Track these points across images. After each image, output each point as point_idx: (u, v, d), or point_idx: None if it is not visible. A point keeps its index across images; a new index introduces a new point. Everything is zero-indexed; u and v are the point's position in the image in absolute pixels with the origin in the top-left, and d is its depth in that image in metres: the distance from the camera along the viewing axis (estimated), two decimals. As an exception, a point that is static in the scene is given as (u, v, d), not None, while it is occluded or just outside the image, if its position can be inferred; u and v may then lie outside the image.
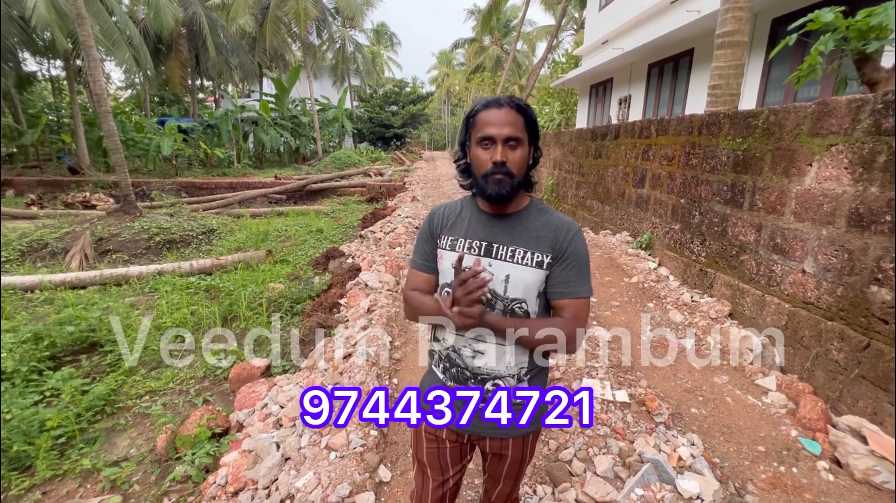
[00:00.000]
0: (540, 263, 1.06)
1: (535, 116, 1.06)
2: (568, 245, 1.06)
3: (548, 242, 1.06)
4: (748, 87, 6.26)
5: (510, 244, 1.07)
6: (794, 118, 2.90)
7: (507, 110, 1.01)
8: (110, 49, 13.78)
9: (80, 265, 6.42)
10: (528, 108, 1.04)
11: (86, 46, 7.45)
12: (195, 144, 18.08)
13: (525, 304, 1.07)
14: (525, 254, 1.06)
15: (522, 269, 1.05)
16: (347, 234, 8.28)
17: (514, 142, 1.01)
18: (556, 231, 1.07)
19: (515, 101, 1.03)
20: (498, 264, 1.07)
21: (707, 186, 3.86)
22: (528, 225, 1.08)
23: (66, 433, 2.68)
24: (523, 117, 1.03)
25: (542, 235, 1.07)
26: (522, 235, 1.07)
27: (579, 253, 1.07)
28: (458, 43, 34.61)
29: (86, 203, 11.41)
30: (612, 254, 5.28)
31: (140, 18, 16.87)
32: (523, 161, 1.04)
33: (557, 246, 1.06)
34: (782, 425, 2.40)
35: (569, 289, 1.06)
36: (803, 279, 2.80)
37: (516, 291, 1.06)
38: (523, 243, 1.06)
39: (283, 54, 24.59)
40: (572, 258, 1.06)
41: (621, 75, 10.34)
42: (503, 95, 1.06)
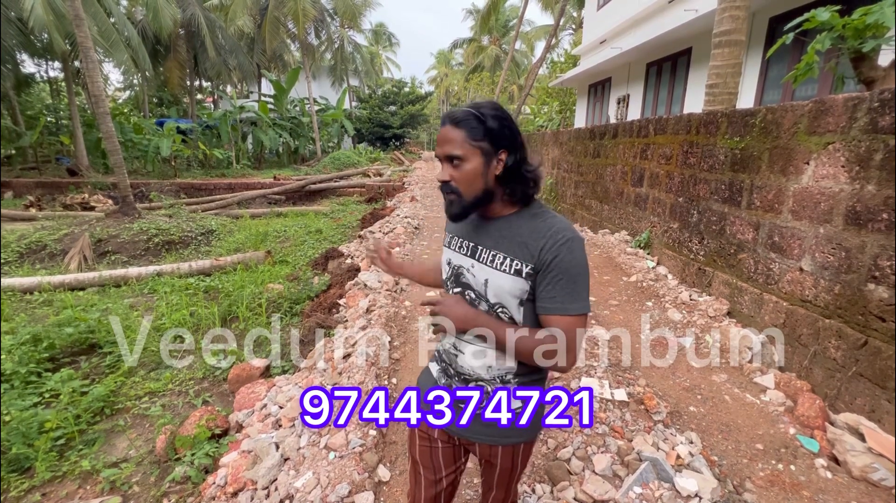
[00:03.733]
0: (518, 271, 0.99)
1: (495, 123, 0.97)
2: (553, 257, 0.96)
3: (531, 251, 0.98)
4: (746, 85, 6.27)
5: (492, 248, 1.04)
6: (791, 117, 2.90)
7: (447, 128, 0.99)
8: (108, 50, 13.77)
9: (79, 266, 6.42)
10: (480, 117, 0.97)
11: (84, 48, 7.45)
12: (194, 145, 18.07)
13: (507, 310, 1.04)
14: (504, 261, 1.01)
15: (500, 276, 1.02)
16: (346, 234, 8.28)
17: (457, 159, 0.99)
18: (540, 239, 0.98)
19: (456, 116, 0.98)
20: (479, 267, 1.06)
21: (705, 185, 3.87)
22: (515, 230, 1.03)
23: (65, 434, 2.68)
24: (465, 131, 0.97)
25: (526, 242, 1.00)
26: (506, 241, 1.03)
27: (567, 265, 0.96)
28: (457, 43, 34.62)
29: (84, 204, 11.41)
30: (610, 253, 5.29)
31: (138, 19, 16.85)
32: (471, 177, 0.99)
33: (540, 256, 0.97)
34: (780, 423, 2.41)
35: (555, 305, 0.98)
36: (801, 277, 2.80)
37: (494, 297, 1.04)
38: (504, 249, 1.02)
39: (281, 55, 24.57)
40: (558, 271, 0.96)
41: (620, 75, 10.35)
42: (458, 108, 1.02)
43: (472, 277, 1.07)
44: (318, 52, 24.95)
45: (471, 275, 1.08)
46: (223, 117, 19.26)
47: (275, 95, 22.08)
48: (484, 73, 29.94)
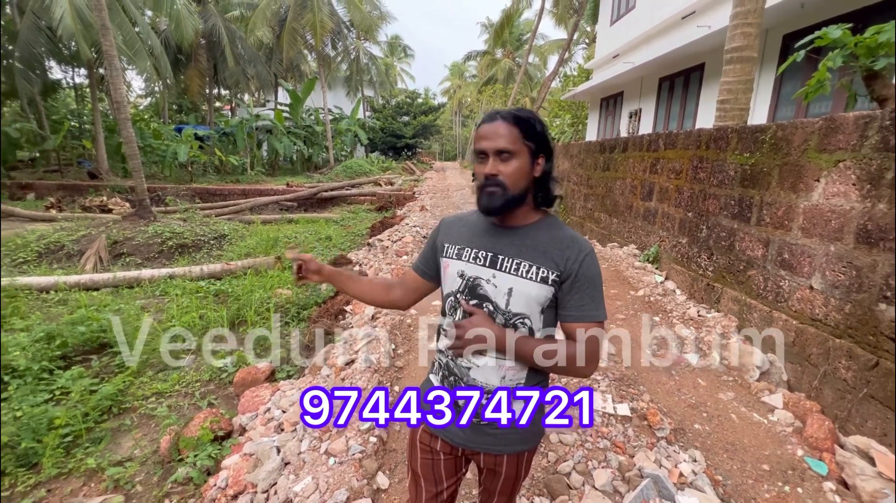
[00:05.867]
0: (545, 279, 1.03)
1: (541, 128, 1.03)
2: (579, 266, 1.02)
3: (555, 259, 1.03)
4: (759, 102, 6.24)
5: (516, 257, 1.05)
6: (802, 133, 2.89)
7: (499, 123, 1.01)
8: (132, 58, 14.21)
9: (95, 267, 6.56)
10: (531, 119, 1.02)
11: (108, 56, 7.70)
12: (210, 151, 18.46)
13: (528, 321, 1.05)
14: (530, 269, 1.03)
15: (526, 283, 1.03)
16: (356, 241, 8.35)
17: (506, 154, 1.01)
18: (566, 249, 1.04)
19: (512, 114, 1.02)
20: (502, 276, 1.05)
21: (714, 200, 3.85)
22: (537, 240, 1.06)
23: (73, 432, 2.73)
24: (519, 128, 1.01)
25: (549, 252, 1.04)
26: (530, 249, 1.05)
27: (591, 275, 1.03)
28: (471, 55, 35.01)
29: (103, 207, 11.68)
30: (618, 267, 5.25)
31: (161, 29, 17.40)
32: (519, 173, 1.02)
33: (567, 265, 1.02)
34: (788, 444, 2.36)
35: (582, 313, 1.03)
36: (811, 295, 2.76)
37: (518, 306, 1.04)
38: (529, 257, 1.04)
39: (298, 65, 25.08)
40: (584, 280, 1.02)
41: (632, 89, 10.37)
42: (504, 109, 1.06)
43: (492, 288, 1.06)
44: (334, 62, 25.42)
45: (491, 285, 1.06)
46: (240, 125, 19.67)
47: (290, 104, 22.51)
48: (497, 86, 30.18)
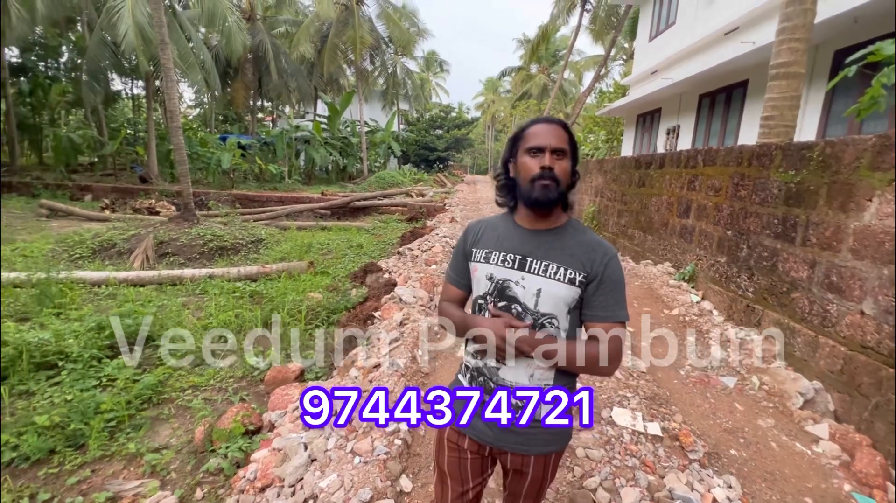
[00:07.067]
0: (572, 280, 1.07)
1: (575, 140, 1.14)
2: (605, 268, 1.07)
3: (582, 261, 1.08)
4: (808, 119, 6.00)
5: (544, 259, 1.09)
6: (853, 151, 2.77)
7: (555, 126, 1.11)
8: (185, 71, 15.13)
9: (142, 265, 6.94)
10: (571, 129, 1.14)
11: (165, 69, 8.24)
12: (251, 160, 19.29)
13: (556, 321, 1.09)
14: (558, 270, 1.07)
15: (554, 285, 1.07)
16: (386, 250, 8.49)
17: (561, 153, 1.09)
18: (591, 251, 1.08)
19: (561, 121, 1.14)
20: (531, 278, 1.09)
21: (756, 219, 3.71)
22: (564, 242, 1.10)
23: (116, 417, 2.88)
24: (568, 134, 1.11)
25: (576, 254, 1.08)
26: (557, 251, 1.09)
27: (617, 277, 1.08)
28: (506, 71, 35.28)
29: (151, 209, 12.39)
30: (652, 285, 5.11)
31: (213, 44, 18.48)
32: (567, 171, 1.10)
33: (593, 268, 1.07)
34: (834, 478, 2.22)
35: (607, 313, 1.07)
36: (862, 321, 2.61)
37: (546, 306, 1.08)
38: (557, 259, 1.08)
39: (337, 79, 25.98)
40: (609, 282, 1.07)
41: (670, 105, 10.17)
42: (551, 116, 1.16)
43: (520, 290, 1.10)
44: (371, 76, 26.18)
45: (520, 287, 1.10)
46: (280, 135, 20.50)
47: (329, 116, 23.32)
48: (531, 101, 30.22)
